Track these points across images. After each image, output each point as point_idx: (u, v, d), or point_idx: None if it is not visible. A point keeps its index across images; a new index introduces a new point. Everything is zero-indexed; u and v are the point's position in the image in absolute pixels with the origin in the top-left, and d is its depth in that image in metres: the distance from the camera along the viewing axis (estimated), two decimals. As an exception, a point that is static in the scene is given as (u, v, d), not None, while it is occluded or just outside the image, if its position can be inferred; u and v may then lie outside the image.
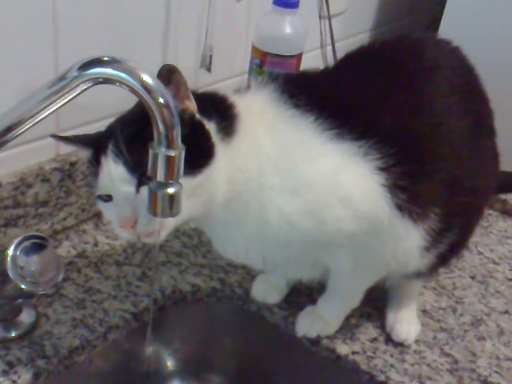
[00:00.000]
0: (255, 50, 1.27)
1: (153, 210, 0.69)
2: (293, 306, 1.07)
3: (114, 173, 0.79)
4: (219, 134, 0.82)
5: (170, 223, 0.81)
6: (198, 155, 0.78)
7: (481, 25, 1.49)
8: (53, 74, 0.99)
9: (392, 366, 0.99)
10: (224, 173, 0.82)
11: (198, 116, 0.81)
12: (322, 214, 0.83)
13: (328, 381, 1.04)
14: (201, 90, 0.87)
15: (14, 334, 0.92)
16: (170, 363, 1.12)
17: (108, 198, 0.83)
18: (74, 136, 0.90)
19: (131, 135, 0.79)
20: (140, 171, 0.77)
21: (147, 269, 1.09)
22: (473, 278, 1.21)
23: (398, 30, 1.84)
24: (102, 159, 0.81)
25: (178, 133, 0.65)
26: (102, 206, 0.85)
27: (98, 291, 1.03)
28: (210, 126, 0.82)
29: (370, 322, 1.06)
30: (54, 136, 0.90)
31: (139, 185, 0.78)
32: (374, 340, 1.03)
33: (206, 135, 0.81)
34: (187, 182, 0.75)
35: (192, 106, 0.80)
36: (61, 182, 1.08)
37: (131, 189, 0.79)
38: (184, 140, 0.67)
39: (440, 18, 1.57)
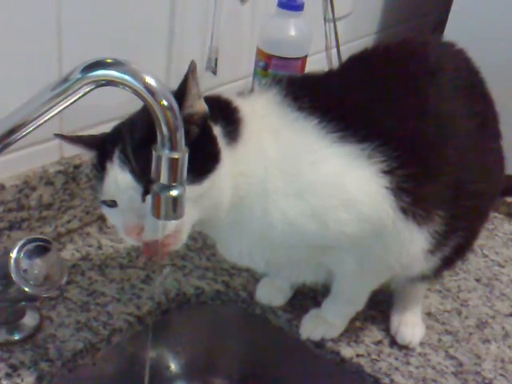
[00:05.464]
0: (260, 52, 1.27)
1: (156, 212, 0.69)
2: (297, 308, 1.07)
3: (120, 180, 0.78)
4: (225, 139, 0.82)
5: (186, 226, 0.81)
6: (205, 161, 0.78)
7: (486, 27, 1.49)
8: (57, 75, 0.99)
9: (396, 368, 0.98)
10: (229, 178, 0.82)
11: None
12: (325, 216, 0.83)
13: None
14: (204, 95, 0.87)
15: (17, 337, 0.92)
16: (173, 366, 1.12)
17: (113, 204, 0.82)
18: (78, 136, 0.89)
19: (139, 142, 0.78)
20: (147, 179, 0.75)
21: (151, 272, 1.09)
22: (478, 280, 1.21)
23: (403, 33, 1.83)
24: (108, 164, 0.80)
25: (181, 135, 0.65)
26: (106, 211, 0.85)
27: (102, 294, 1.03)
28: (217, 131, 0.82)
29: (375, 325, 1.06)
30: (57, 135, 0.89)
31: (146, 193, 0.77)
32: (378, 343, 1.03)
33: (212, 140, 0.80)
34: (193, 190, 0.75)
35: (204, 106, 0.80)
36: (65, 184, 1.08)
37: (137, 196, 0.78)
38: (190, 145, 0.67)
39: (445, 21, 1.57)
